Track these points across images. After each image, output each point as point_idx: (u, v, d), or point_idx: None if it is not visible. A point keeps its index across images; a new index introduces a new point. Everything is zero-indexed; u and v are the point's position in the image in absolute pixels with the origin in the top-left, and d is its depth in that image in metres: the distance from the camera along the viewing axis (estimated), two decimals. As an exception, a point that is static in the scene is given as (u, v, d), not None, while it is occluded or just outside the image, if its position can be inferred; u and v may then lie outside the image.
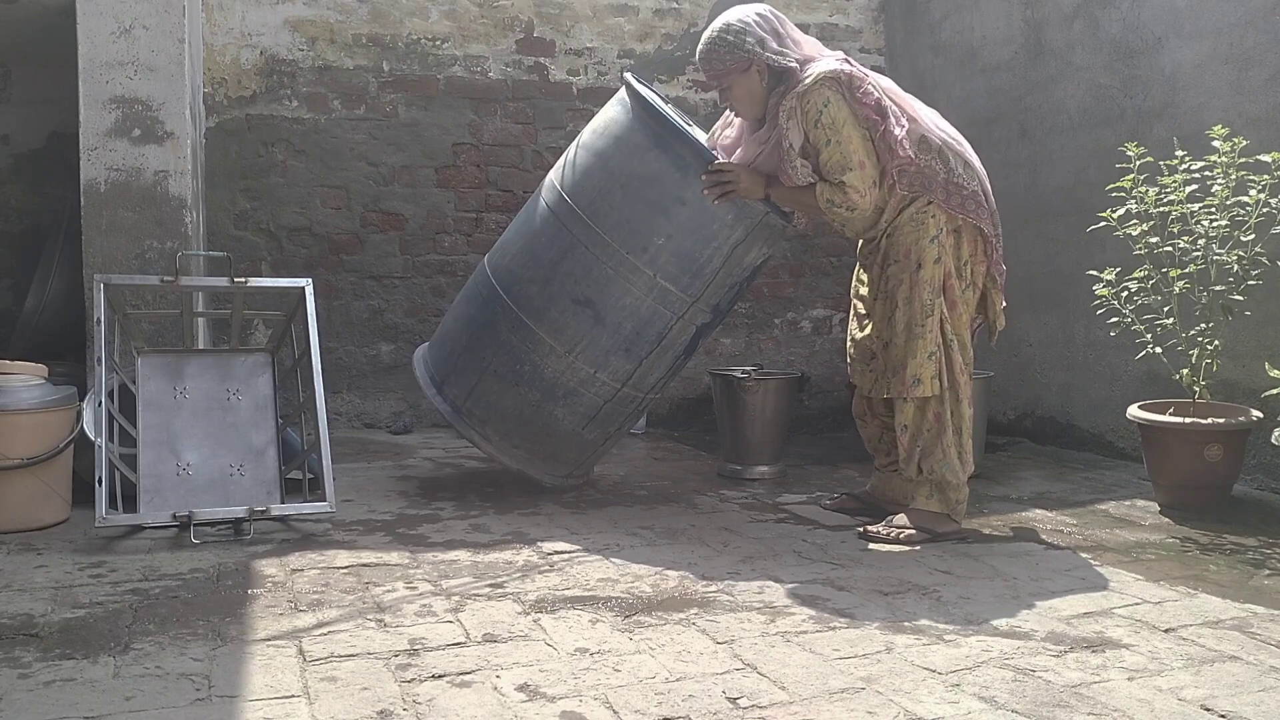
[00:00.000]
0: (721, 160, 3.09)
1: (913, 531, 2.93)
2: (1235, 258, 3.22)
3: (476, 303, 3.40)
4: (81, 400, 3.12)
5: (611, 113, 3.30)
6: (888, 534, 2.94)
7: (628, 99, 3.25)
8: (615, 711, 1.78)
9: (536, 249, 3.29)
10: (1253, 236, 3.21)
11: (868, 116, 2.88)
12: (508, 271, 3.34)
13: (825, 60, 2.93)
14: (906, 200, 2.94)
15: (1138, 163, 3.35)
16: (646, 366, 3.29)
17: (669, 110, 3.26)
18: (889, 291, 2.98)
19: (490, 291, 3.35)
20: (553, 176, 3.37)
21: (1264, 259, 3.23)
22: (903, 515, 2.99)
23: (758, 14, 2.97)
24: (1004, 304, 3.11)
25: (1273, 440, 2.93)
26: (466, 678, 1.92)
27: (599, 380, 3.26)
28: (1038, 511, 3.33)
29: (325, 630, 2.16)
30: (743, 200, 3.10)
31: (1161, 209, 3.34)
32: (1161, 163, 3.34)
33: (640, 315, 3.19)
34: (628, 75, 3.29)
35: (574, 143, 3.40)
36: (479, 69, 4.95)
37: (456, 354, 3.41)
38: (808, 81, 2.87)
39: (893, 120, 2.88)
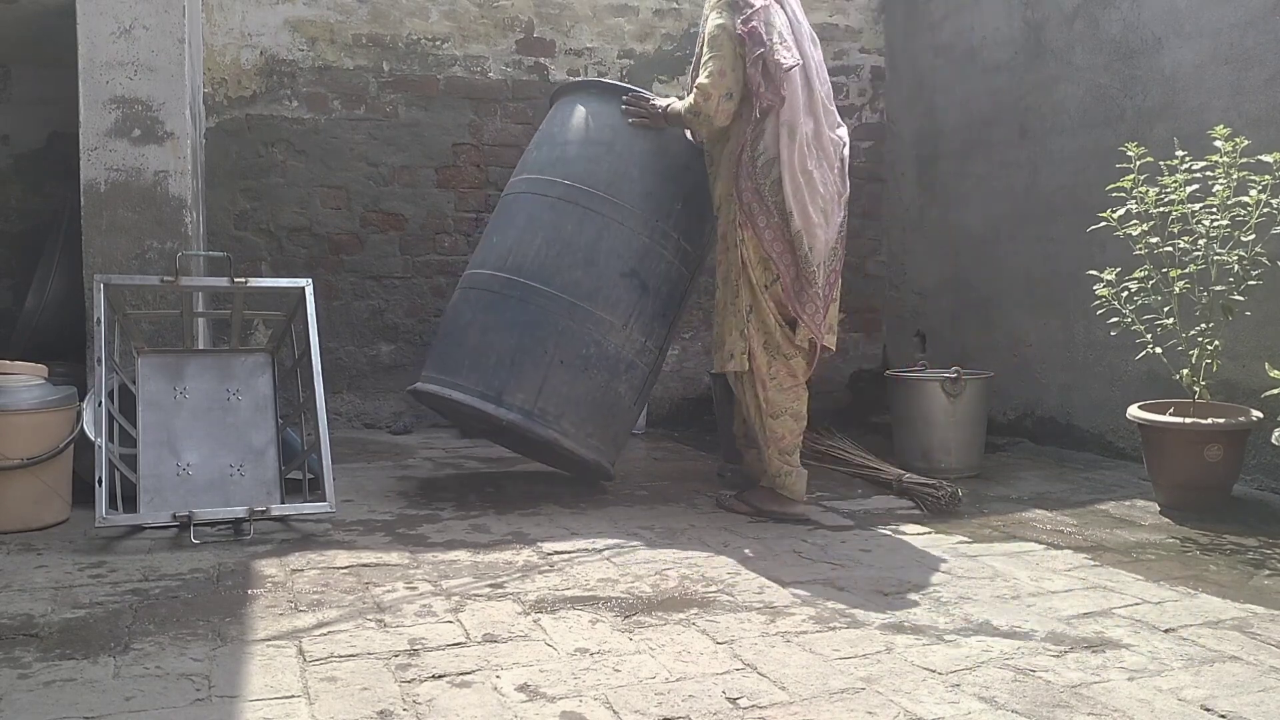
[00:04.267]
0: (649, 95, 3.43)
1: (746, 506, 3.24)
2: (1235, 258, 3.22)
3: (510, 306, 3.32)
4: (81, 400, 3.12)
5: (591, 107, 3.49)
6: (730, 504, 3.29)
7: (600, 96, 3.50)
8: (615, 711, 1.78)
9: (565, 237, 3.33)
10: (1253, 236, 3.21)
11: (744, 37, 3.01)
12: (540, 266, 3.31)
13: None
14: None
15: (1138, 163, 3.35)
16: (671, 328, 3.53)
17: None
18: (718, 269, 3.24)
19: (525, 290, 3.30)
20: (544, 175, 3.45)
21: (1264, 259, 3.23)
22: (755, 491, 3.27)
23: None
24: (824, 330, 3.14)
25: (1273, 440, 2.92)
26: (466, 678, 1.92)
27: (649, 349, 3.43)
28: (1038, 511, 3.33)
29: (325, 630, 2.16)
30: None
31: (1162, 209, 3.34)
32: (1162, 163, 3.34)
33: (671, 278, 3.44)
34: (599, 80, 3.58)
35: (549, 143, 3.52)
36: (479, 69, 4.95)
37: (507, 360, 3.27)
38: None
39: (779, 50, 3.00)
